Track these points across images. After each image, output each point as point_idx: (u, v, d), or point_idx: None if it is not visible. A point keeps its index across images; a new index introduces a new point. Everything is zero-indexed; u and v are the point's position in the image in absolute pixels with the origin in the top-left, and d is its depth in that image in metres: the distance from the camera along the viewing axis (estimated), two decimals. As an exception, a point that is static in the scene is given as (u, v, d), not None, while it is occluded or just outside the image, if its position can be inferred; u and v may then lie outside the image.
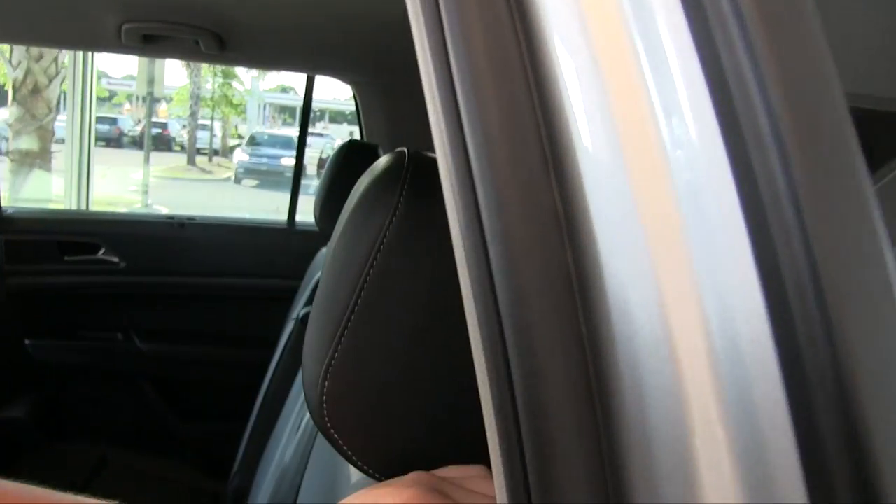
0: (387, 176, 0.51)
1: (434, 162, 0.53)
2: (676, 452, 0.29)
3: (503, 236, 0.31)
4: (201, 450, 2.17)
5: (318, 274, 1.62)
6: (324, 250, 2.00)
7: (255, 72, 13.13)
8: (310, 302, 1.57)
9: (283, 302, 2.04)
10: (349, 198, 0.61)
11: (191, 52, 1.81)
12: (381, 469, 0.50)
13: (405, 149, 0.54)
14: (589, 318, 0.31)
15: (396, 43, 1.89)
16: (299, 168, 2.45)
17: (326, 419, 0.49)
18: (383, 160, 0.54)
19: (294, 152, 2.54)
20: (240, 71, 12.87)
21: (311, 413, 0.51)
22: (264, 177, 13.02)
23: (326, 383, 0.49)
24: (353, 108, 2.18)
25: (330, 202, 1.61)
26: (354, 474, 0.61)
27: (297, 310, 1.64)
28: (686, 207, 0.30)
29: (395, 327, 0.49)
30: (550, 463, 0.31)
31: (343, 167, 1.64)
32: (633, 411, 0.30)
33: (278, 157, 13.00)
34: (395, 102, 2.09)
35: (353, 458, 0.50)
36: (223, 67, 11.84)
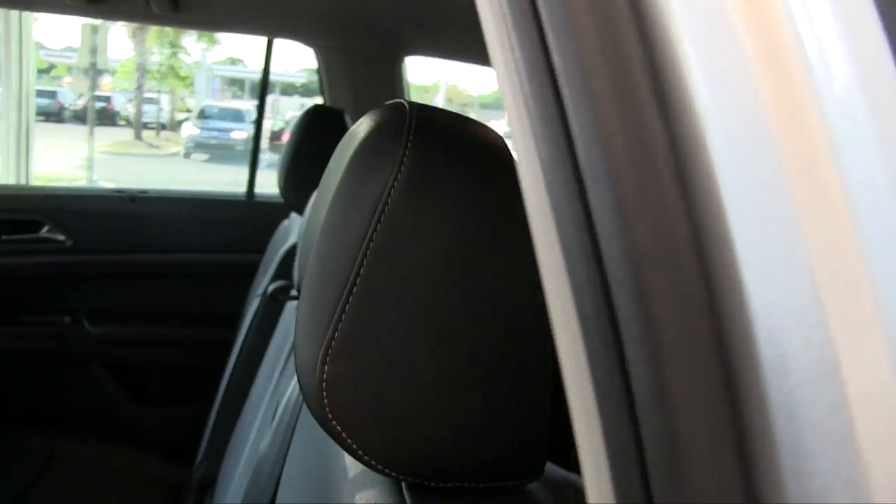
0: (388, 126, 0.45)
1: (441, 115, 0.45)
2: None
3: (627, 257, 0.26)
4: (163, 437, 2.06)
5: (285, 246, 1.53)
6: (286, 222, 1.90)
7: (203, 42, 12.75)
8: (277, 276, 1.47)
9: (246, 278, 1.94)
10: (334, 158, 0.54)
11: (141, 14, 1.68)
12: (389, 463, 0.45)
13: (402, 100, 0.48)
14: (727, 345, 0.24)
15: (362, 4, 1.79)
16: (258, 137, 2.33)
17: (327, 408, 0.44)
18: (377, 113, 0.48)
19: (244, 126, 2.42)
20: (188, 42, 12.48)
21: (307, 401, 0.45)
22: (215, 151, 12.74)
23: (326, 368, 0.43)
24: (304, 80, 2.07)
25: (297, 170, 1.52)
26: (352, 467, 0.54)
27: (263, 285, 1.54)
28: (860, 208, 0.24)
29: (402, 303, 0.43)
30: (683, 463, 0.25)
31: (309, 133, 1.57)
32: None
33: (228, 130, 12.74)
34: (361, 67, 1.99)
35: (358, 451, 0.44)
36: (170, 38, 11.45)
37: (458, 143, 0.46)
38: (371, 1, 1.79)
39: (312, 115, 1.60)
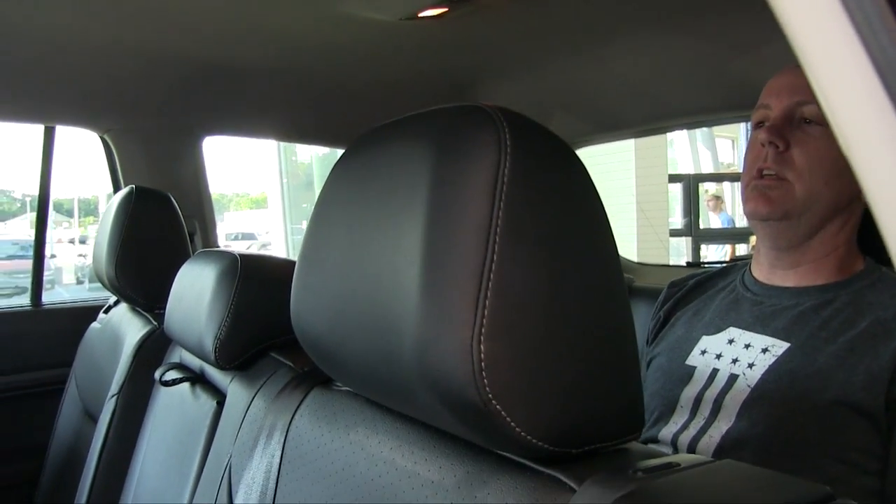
0: (476, 116, 0.47)
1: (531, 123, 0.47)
2: None
3: None
4: None
5: (132, 340, 1.38)
6: (95, 324, 1.72)
7: None
8: (138, 370, 1.32)
9: (50, 397, 1.72)
10: (374, 168, 0.53)
11: None
12: (544, 436, 0.44)
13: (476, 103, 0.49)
14: None
15: (157, 86, 1.73)
16: (43, 239, 2.08)
17: (487, 389, 0.42)
18: (452, 112, 0.49)
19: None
20: None
21: (458, 388, 0.43)
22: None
23: (482, 346, 0.42)
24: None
25: (128, 256, 1.40)
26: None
27: (117, 383, 1.37)
28: None
29: (535, 272, 0.44)
30: None
31: (136, 218, 1.47)
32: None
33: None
34: (158, 148, 1.90)
35: (516, 428, 0.44)
36: None
37: (540, 127, 0.49)
38: (165, 83, 1.74)
39: (136, 198, 1.49)
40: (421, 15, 1.35)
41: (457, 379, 0.43)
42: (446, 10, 1.32)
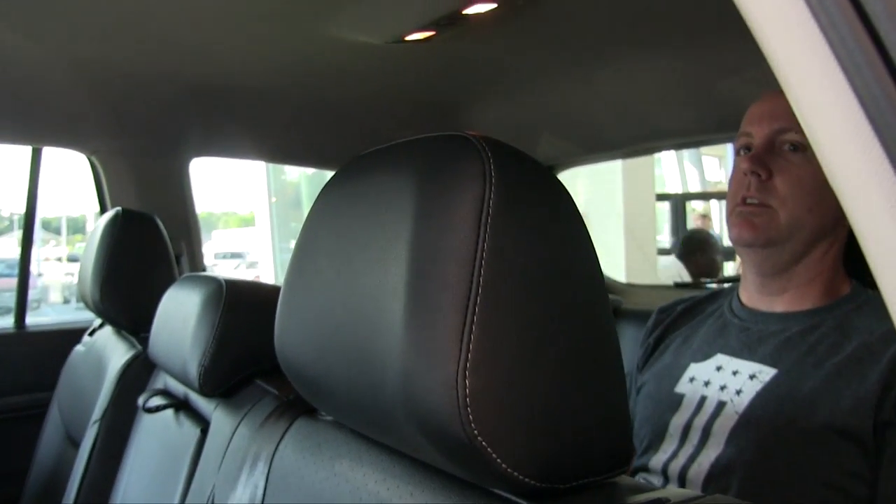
0: (461, 144, 0.47)
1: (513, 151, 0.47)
2: None
3: None
4: None
5: (115, 365, 1.36)
6: (81, 347, 1.70)
7: None
8: (121, 395, 1.31)
9: (31, 421, 1.69)
10: (362, 202, 0.53)
11: None
12: (529, 471, 0.43)
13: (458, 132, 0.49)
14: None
15: (146, 106, 1.73)
16: (27, 261, 2.05)
17: (472, 425, 0.41)
18: (436, 141, 0.49)
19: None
20: None
21: (443, 423, 0.42)
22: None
23: (467, 381, 0.41)
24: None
25: (114, 279, 1.39)
26: None
27: (100, 408, 1.35)
28: None
29: (521, 304, 0.44)
30: None
31: (122, 241, 1.45)
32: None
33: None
34: (146, 170, 1.89)
35: (502, 464, 0.43)
36: None
37: (525, 156, 0.48)
38: (152, 104, 1.73)
39: (122, 221, 1.48)
40: (408, 38, 1.35)
41: (441, 414, 0.43)
42: (433, 33, 1.32)
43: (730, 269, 4.54)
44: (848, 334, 0.90)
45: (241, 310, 0.98)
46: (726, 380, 0.96)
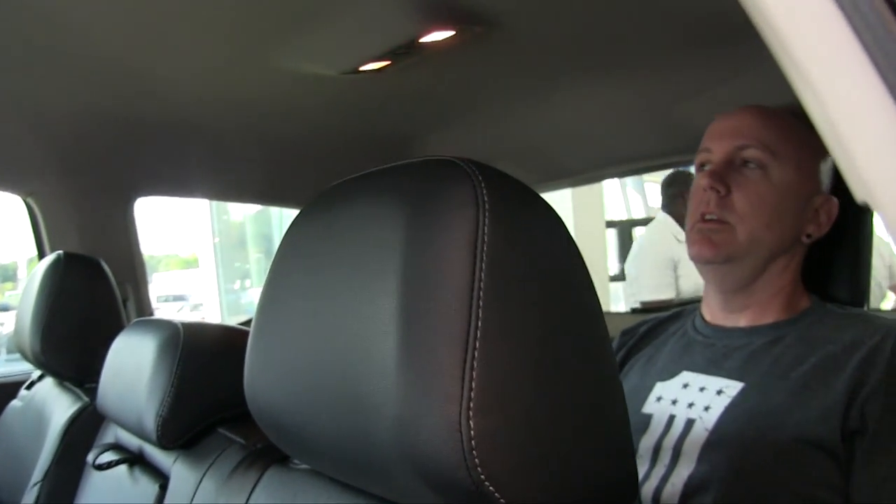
0: (451, 171, 0.44)
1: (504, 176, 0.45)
2: None
3: None
4: None
5: (60, 420, 1.28)
6: (17, 403, 1.60)
7: None
8: (66, 452, 1.22)
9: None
10: (339, 231, 0.50)
11: None
12: None
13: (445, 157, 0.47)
14: None
15: (80, 143, 1.66)
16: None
17: (479, 468, 0.38)
18: (422, 167, 0.47)
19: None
20: None
21: (446, 469, 0.39)
22: None
23: (472, 423, 0.38)
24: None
25: (57, 327, 1.32)
26: None
27: (41, 470, 1.26)
28: None
29: (521, 338, 0.41)
30: None
31: (65, 286, 1.38)
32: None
33: None
34: (89, 211, 1.81)
35: None
36: None
37: (511, 178, 0.46)
38: (94, 143, 1.67)
39: (65, 265, 1.40)
40: (363, 69, 1.33)
41: (444, 459, 0.39)
42: (388, 63, 1.31)
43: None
44: (811, 346, 0.91)
45: (201, 354, 0.93)
46: (693, 397, 0.96)
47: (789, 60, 0.30)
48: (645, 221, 7.64)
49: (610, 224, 5.19)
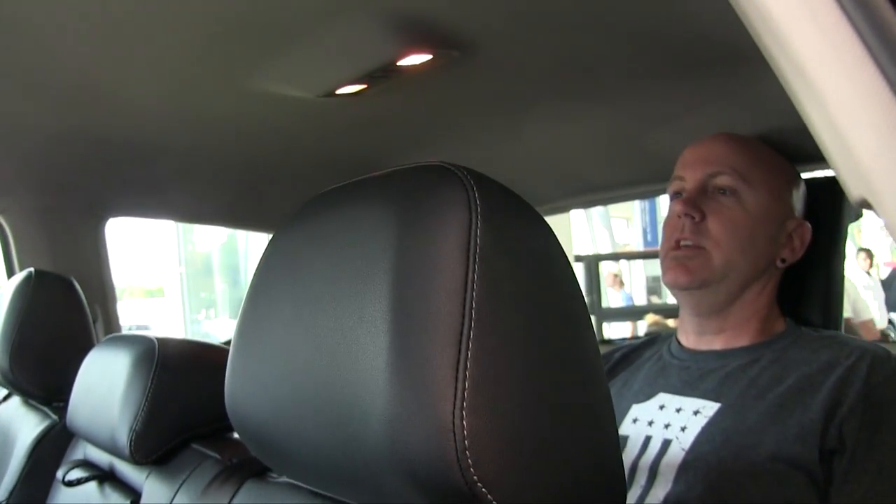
0: (443, 175, 0.45)
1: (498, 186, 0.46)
2: None
3: None
4: None
5: (26, 439, 1.24)
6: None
7: None
8: (32, 472, 1.19)
9: None
10: (328, 237, 0.50)
11: None
12: None
13: (436, 161, 0.47)
14: None
15: (51, 161, 1.64)
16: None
17: (472, 470, 0.38)
18: (413, 172, 0.47)
19: None
20: None
21: (439, 471, 0.39)
22: None
23: (465, 423, 0.38)
24: None
25: (25, 346, 1.29)
26: None
27: (5, 489, 1.22)
28: None
29: (513, 337, 0.42)
30: None
31: (36, 305, 1.37)
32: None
33: None
34: (60, 230, 1.79)
35: None
36: None
37: (499, 183, 0.47)
38: (65, 161, 1.65)
39: (35, 283, 1.38)
40: (339, 92, 1.34)
41: (436, 461, 0.39)
42: (365, 86, 1.31)
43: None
44: (787, 367, 0.93)
45: (176, 369, 0.92)
46: (670, 418, 0.96)
47: (786, 59, 0.32)
48: (612, 256, 7.74)
49: (578, 259, 5.24)
